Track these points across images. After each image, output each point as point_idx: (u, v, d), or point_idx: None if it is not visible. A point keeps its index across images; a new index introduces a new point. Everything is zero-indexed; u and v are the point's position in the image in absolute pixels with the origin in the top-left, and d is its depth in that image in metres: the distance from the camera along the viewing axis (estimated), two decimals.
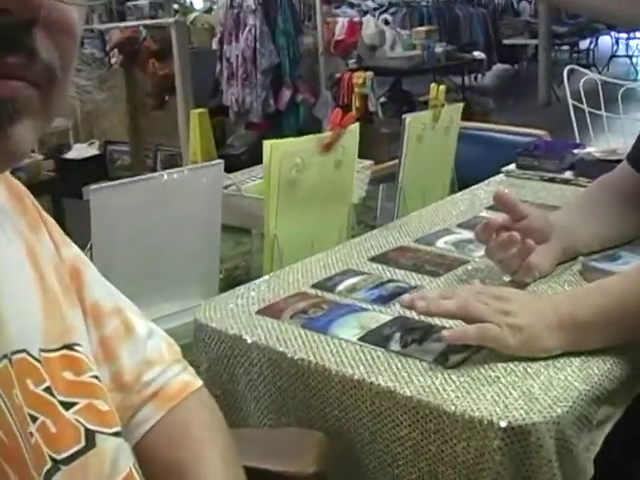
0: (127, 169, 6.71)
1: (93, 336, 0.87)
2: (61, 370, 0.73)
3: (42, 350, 0.72)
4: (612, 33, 13.10)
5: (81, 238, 1.53)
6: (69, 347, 0.76)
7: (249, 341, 1.26)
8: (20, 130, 0.57)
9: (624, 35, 13.23)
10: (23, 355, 0.69)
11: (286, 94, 6.24)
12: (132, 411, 0.92)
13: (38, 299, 0.75)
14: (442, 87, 2.07)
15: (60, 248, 0.84)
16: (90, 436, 0.73)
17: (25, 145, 0.58)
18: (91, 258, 1.50)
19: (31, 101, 0.57)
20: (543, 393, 1.05)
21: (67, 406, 0.72)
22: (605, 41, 13.76)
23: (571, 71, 4.15)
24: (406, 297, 1.25)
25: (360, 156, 1.90)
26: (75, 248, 0.89)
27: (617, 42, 13.80)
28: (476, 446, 1.01)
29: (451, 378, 1.10)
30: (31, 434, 0.67)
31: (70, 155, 6.55)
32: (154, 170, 6.47)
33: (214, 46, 6.98)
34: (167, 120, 6.25)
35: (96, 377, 0.78)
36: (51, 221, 0.86)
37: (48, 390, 0.71)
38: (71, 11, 0.59)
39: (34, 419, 0.68)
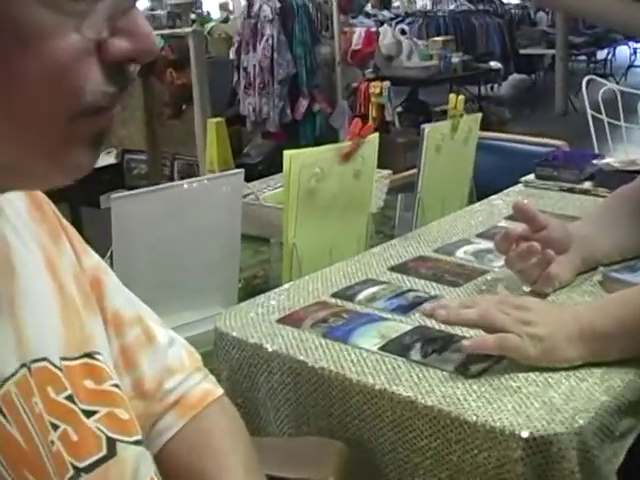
0: (144, 178, 6.73)
1: (114, 344, 0.87)
2: (82, 378, 0.74)
3: (63, 358, 0.72)
4: (630, 43, 13.06)
5: (99, 246, 1.54)
6: (90, 355, 0.77)
7: (270, 350, 1.26)
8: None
9: None
10: (44, 364, 0.70)
11: (303, 104, 6.24)
12: (154, 419, 0.92)
13: (58, 308, 0.75)
14: (461, 97, 2.07)
15: (81, 257, 0.85)
16: (111, 444, 0.73)
17: None
18: (111, 266, 1.51)
19: None
20: (564, 403, 1.05)
21: (88, 414, 0.72)
22: (623, 51, 13.73)
23: (589, 81, 4.14)
24: (427, 306, 1.25)
25: (377, 165, 1.90)
26: (96, 257, 0.90)
27: (635, 52, 13.77)
28: (498, 456, 1.01)
29: (472, 388, 1.10)
30: (52, 442, 0.67)
31: None
32: (171, 179, 6.49)
33: (231, 56, 7.01)
34: (184, 129, 6.28)
35: (116, 386, 0.79)
36: (71, 229, 0.86)
37: (70, 398, 0.71)
38: None
39: (55, 427, 0.68)
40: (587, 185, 2.12)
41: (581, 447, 1.01)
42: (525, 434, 0.99)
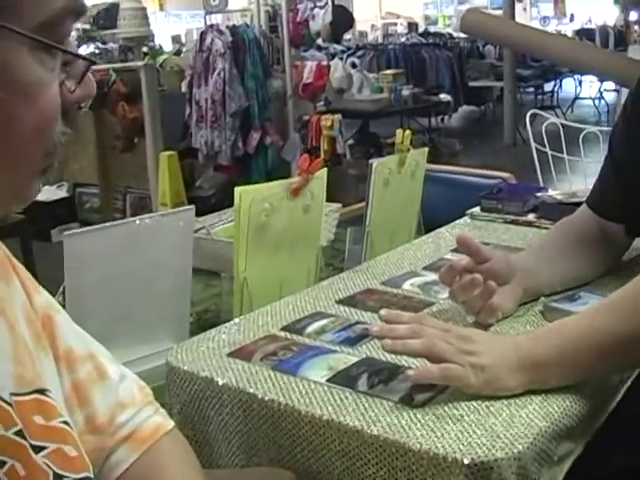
0: (96, 211, 6.72)
1: (66, 381, 0.89)
2: (32, 414, 0.75)
3: (13, 394, 0.74)
4: (575, 76, 13.35)
5: (51, 279, 1.55)
6: (40, 392, 0.78)
7: (220, 383, 1.29)
8: None
9: (587, 78, 13.48)
10: None
11: (255, 137, 6.29)
12: (106, 453, 0.94)
13: (8, 346, 0.77)
14: (408, 132, 2.12)
15: (32, 296, 0.87)
16: None
17: None
18: (64, 301, 1.53)
19: None
20: (505, 430, 1.09)
21: (37, 450, 0.73)
22: (569, 83, 14.02)
23: (533, 115, 4.24)
24: (375, 328, 1.28)
25: (329, 197, 1.94)
26: (46, 295, 0.92)
27: (580, 84, 14.06)
28: None
29: (417, 417, 1.13)
30: None
31: (39, 197, 6.48)
32: (123, 212, 6.49)
33: (183, 89, 7.04)
34: (136, 163, 6.28)
35: (66, 423, 0.80)
36: (22, 269, 0.88)
37: (19, 433, 0.72)
38: None
39: (2, 463, 0.69)
40: (530, 217, 2.17)
41: (521, 472, 1.05)
42: (467, 460, 1.03)
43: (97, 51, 8.18)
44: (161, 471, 0.96)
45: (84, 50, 7.75)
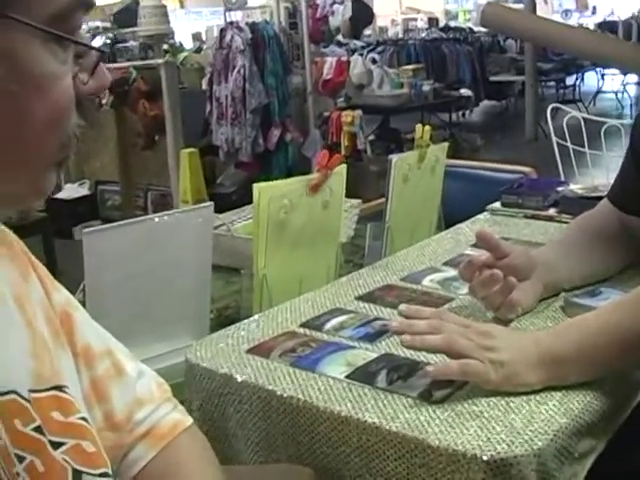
0: (117, 209, 6.74)
1: (84, 377, 0.90)
2: (50, 410, 0.75)
3: (31, 391, 0.74)
4: (597, 69, 13.26)
5: (73, 277, 1.56)
6: (58, 388, 0.78)
7: (239, 380, 1.29)
8: None
9: (609, 71, 13.39)
10: (12, 396, 0.71)
11: (275, 134, 6.29)
12: (125, 450, 0.94)
13: (26, 342, 0.77)
14: (427, 128, 2.11)
15: (50, 293, 0.87)
16: (77, 476, 0.75)
17: None
18: (84, 299, 1.53)
19: None
20: (524, 427, 1.08)
21: (56, 446, 0.74)
22: (591, 77, 13.93)
23: (554, 109, 4.21)
24: (394, 323, 1.28)
25: (349, 194, 1.94)
26: (65, 292, 0.93)
27: (602, 77, 13.97)
28: (460, 479, 1.04)
29: (435, 413, 1.13)
30: (17, 474, 0.69)
31: (60, 195, 6.58)
32: (145, 210, 6.51)
33: (204, 86, 7.05)
34: (157, 160, 6.29)
35: (84, 419, 0.80)
36: (41, 267, 0.89)
37: (38, 429, 0.73)
38: None
39: (21, 459, 0.70)
40: (551, 212, 2.16)
41: (541, 468, 1.04)
42: (486, 457, 1.02)
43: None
44: (179, 468, 0.96)
45: (103, 47, 7.78)
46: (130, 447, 0.95)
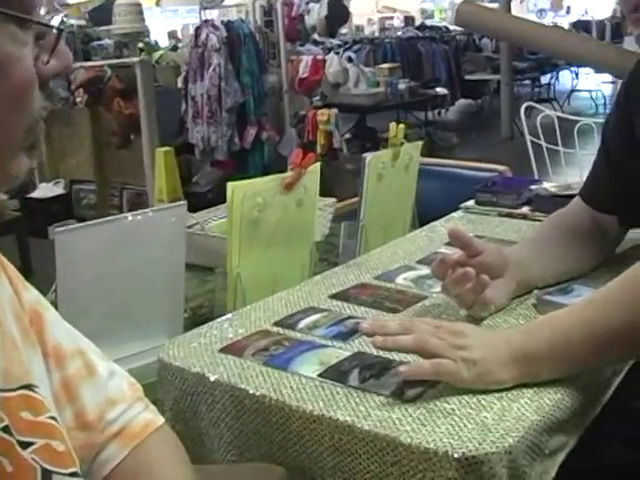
0: (93, 208, 6.71)
1: (55, 377, 0.89)
2: (19, 410, 0.75)
3: (0, 390, 0.74)
4: (572, 68, 13.35)
5: (47, 276, 1.55)
6: (28, 387, 0.78)
7: (212, 379, 1.29)
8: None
9: (584, 70, 13.48)
10: None
11: (251, 132, 6.29)
12: (96, 450, 0.94)
13: None
14: (401, 126, 2.11)
15: (20, 293, 0.87)
16: (47, 476, 0.75)
17: None
18: (56, 298, 1.52)
19: None
20: (496, 424, 1.09)
21: (24, 445, 0.74)
22: (565, 76, 14.01)
23: (528, 108, 4.24)
24: (365, 324, 1.28)
25: (326, 192, 1.94)
26: (35, 292, 0.92)
27: (577, 76, 14.06)
28: (432, 476, 1.04)
29: (408, 411, 1.13)
30: None
31: (35, 194, 6.55)
32: (120, 209, 6.48)
33: (179, 84, 7.03)
34: (133, 159, 6.27)
35: (54, 418, 0.80)
36: (10, 266, 0.89)
37: (6, 429, 0.72)
38: None
39: None
40: (525, 210, 2.17)
41: (512, 465, 1.04)
42: (457, 454, 1.02)
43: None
44: (151, 467, 0.96)
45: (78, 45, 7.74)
46: (101, 447, 0.95)
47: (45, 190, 6.63)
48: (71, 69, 0.87)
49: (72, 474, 0.78)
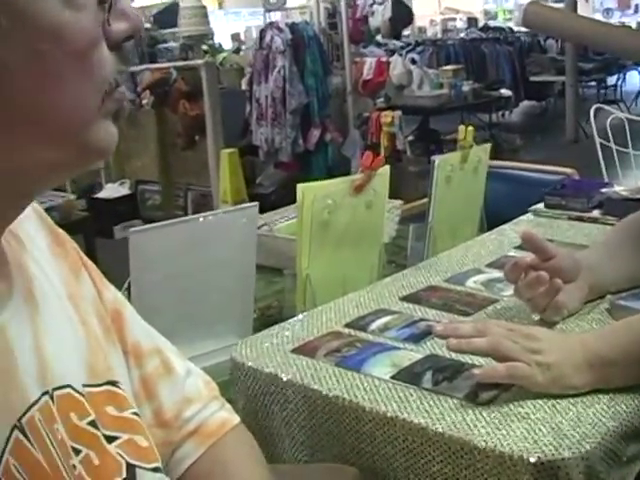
0: (158, 209, 6.79)
1: (134, 375, 0.91)
2: (104, 405, 0.77)
3: (85, 385, 0.76)
4: (639, 68, 13.11)
5: (114, 276, 1.57)
6: (112, 383, 0.80)
7: (284, 379, 1.30)
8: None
9: None
10: (67, 390, 0.73)
11: (315, 134, 6.30)
12: (173, 447, 0.95)
13: (81, 338, 0.79)
14: (470, 129, 2.10)
15: (101, 291, 0.89)
16: (131, 470, 0.76)
17: None
18: (128, 298, 1.55)
19: None
20: (572, 429, 1.08)
21: (110, 440, 0.75)
22: (633, 77, 13.78)
23: (597, 109, 4.18)
24: (439, 327, 1.28)
25: (390, 194, 1.93)
26: (114, 290, 0.94)
27: None
28: None
29: (481, 415, 1.13)
30: (74, 466, 0.70)
31: (101, 195, 6.65)
32: (185, 210, 6.55)
33: (243, 86, 7.08)
34: (197, 160, 6.34)
35: (136, 414, 0.82)
36: (92, 265, 0.90)
37: (92, 423, 0.74)
38: None
39: (77, 452, 0.71)
40: (595, 214, 2.14)
41: (588, 471, 1.03)
42: (533, 459, 1.02)
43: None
44: (226, 466, 0.97)
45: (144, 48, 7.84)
46: (178, 445, 0.96)
47: (111, 190, 6.73)
48: (140, 30, 0.86)
49: (155, 469, 0.80)
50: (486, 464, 1.06)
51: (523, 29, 12.03)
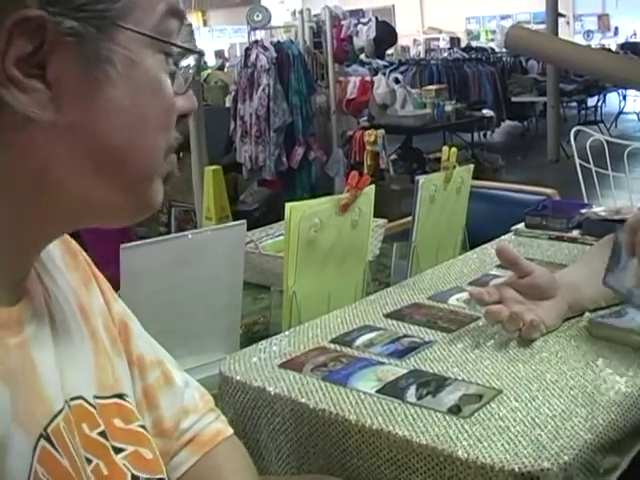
0: (141, 224, 6.78)
1: (137, 386, 0.94)
2: (113, 417, 0.80)
3: (96, 397, 0.79)
4: (619, 90, 13.25)
5: None
6: (120, 396, 0.83)
7: (272, 393, 1.33)
8: None
9: (631, 92, 13.38)
10: (80, 401, 0.76)
11: (298, 152, 6.35)
12: (170, 456, 0.99)
13: (91, 350, 0.82)
14: (454, 150, 2.14)
15: (110, 303, 0.92)
16: None
17: None
18: None
19: None
20: (550, 442, 1.11)
21: (117, 451, 0.78)
22: (612, 98, 13.93)
23: (577, 131, 4.25)
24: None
25: (373, 214, 1.96)
26: (121, 302, 0.97)
27: (624, 99, 13.96)
28: None
29: (464, 427, 1.16)
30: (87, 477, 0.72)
31: None
32: (168, 226, 6.55)
33: (228, 104, 7.11)
34: (181, 177, 6.32)
35: (143, 427, 0.85)
36: (102, 278, 0.93)
37: (102, 434, 0.77)
38: None
39: (89, 461, 0.73)
40: (575, 233, 2.19)
41: None
42: (514, 469, 1.06)
43: None
44: (219, 473, 1.00)
45: None
46: (175, 453, 0.99)
47: None
48: (193, 112, 0.92)
49: None
50: (469, 475, 1.09)
51: (505, 50, 12.14)
